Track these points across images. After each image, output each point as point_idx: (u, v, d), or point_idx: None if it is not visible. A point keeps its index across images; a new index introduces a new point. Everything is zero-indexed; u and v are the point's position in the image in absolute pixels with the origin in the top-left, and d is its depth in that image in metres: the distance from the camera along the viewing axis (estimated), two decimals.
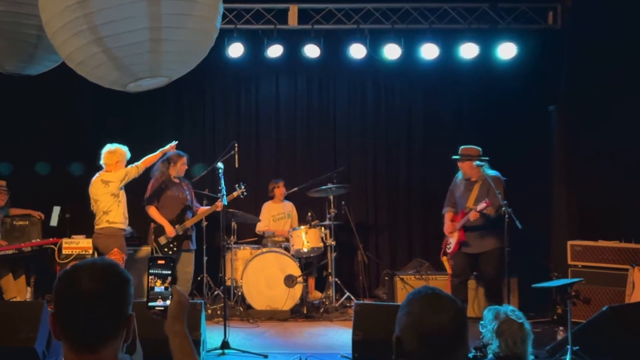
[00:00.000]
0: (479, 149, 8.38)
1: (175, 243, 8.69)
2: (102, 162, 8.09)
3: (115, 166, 8.01)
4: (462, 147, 8.46)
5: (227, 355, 7.20)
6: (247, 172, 10.63)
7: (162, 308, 2.51)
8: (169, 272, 2.55)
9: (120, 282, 2.20)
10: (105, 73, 3.50)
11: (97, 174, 8.12)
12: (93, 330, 2.12)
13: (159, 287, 2.53)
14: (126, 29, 3.24)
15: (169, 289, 2.54)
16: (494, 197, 7.88)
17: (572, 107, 9.55)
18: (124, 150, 8.14)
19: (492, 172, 8.19)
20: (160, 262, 2.57)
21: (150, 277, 2.55)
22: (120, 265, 2.27)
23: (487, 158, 8.28)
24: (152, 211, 8.73)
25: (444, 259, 8.78)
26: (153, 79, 3.58)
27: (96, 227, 8.03)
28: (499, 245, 8.00)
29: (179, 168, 8.84)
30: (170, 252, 8.61)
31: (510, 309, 4.18)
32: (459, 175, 8.59)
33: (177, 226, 8.67)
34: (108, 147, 8.10)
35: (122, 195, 8.10)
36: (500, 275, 8.17)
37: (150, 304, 2.53)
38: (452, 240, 8.47)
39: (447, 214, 8.68)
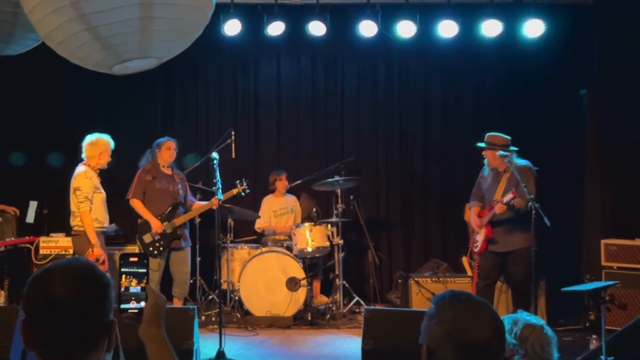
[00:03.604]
0: (508, 137, 8.28)
1: (162, 242, 8.63)
2: (83, 154, 8.06)
3: (99, 158, 7.99)
4: (488, 134, 8.32)
5: None
6: (245, 163, 10.65)
7: (136, 311, 2.49)
8: (144, 270, 2.54)
9: (98, 286, 2.18)
10: (89, 53, 3.50)
11: (77, 168, 8.07)
12: (69, 340, 2.11)
13: (134, 288, 2.51)
14: (113, 5, 3.24)
15: (145, 290, 2.52)
16: (521, 188, 7.81)
17: (606, 90, 9.51)
18: (107, 140, 8.08)
19: (521, 162, 8.11)
20: (132, 259, 2.54)
21: (123, 277, 2.51)
22: (98, 267, 2.24)
23: (516, 148, 8.20)
24: (137, 204, 8.71)
25: (465, 259, 8.74)
26: (142, 61, 3.59)
27: (71, 225, 8.04)
28: (528, 243, 7.95)
29: (164, 154, 8.78)
30: (155, 252, 8.58)
31: (526, 314, 4.20)
32: (486, 167, 8.49)
33: (165, 224, 8.64)
34: (89, 139, 8.05)
35: (96, 197, 8.01)
36: (529, 278, 8.15)
37: (122, 306, 2.49)
38: (479, 238, 8.36)
39: (474, 209, 8.59)
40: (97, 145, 7.99)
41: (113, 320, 2.21)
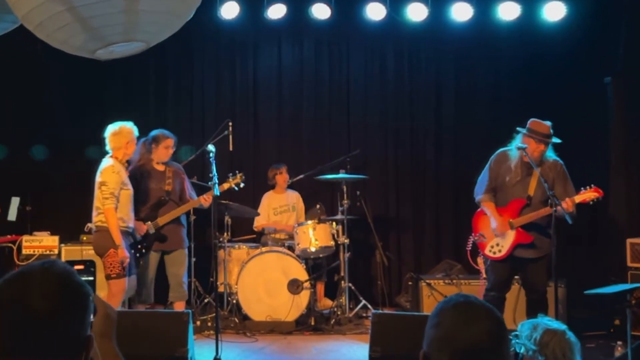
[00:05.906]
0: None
1: (144, 244, 8.55)
2: (107, 147, 7.93)
3: (125, 148, 7.87)
4: (532, 119, 7.64)
5: None
6: (243, 156, 10.64)
7: None
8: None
9: (79, 297, 2.09)
10: (70, 36, 3.48)
11: (104, 161, 7.95)
12: (43, 356, 2.00)
13: None
14: None
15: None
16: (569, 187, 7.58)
17: (633, 78, 9.49)
18: (130, 128, 7.91)
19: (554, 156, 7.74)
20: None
21: None
22: (77, 274, 2.13)
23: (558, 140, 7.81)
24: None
25: (480, 259, 8.35)
26: (127, 45, 3.57)
27: (94, 221, 7.89)
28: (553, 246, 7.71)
29: (160, 152, 8.67)
30: (137, 254, 8.44)
31: (547, 319, 4.19)
32: (512, 154, 7.66)
33: (148, 224, 8.48)
34: (111, 129, 7.87)
35: (123, 194, 7.91)
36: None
37: None
38: (504, 242, 7.65)
39: (488, 204, 7.74)
40: (122, 135, 7.86)
41: (90, 336, 2.11)
